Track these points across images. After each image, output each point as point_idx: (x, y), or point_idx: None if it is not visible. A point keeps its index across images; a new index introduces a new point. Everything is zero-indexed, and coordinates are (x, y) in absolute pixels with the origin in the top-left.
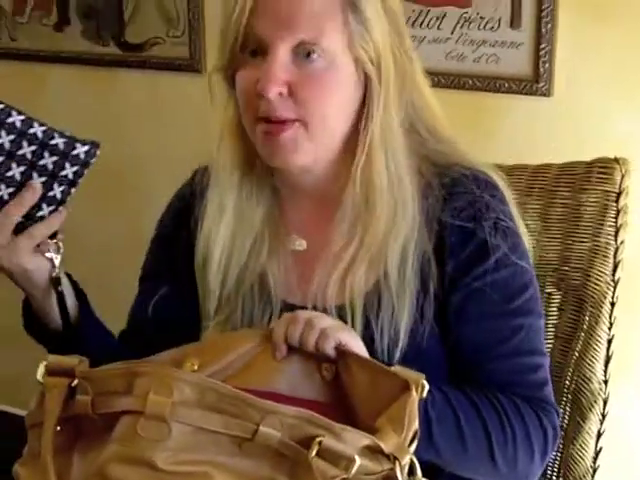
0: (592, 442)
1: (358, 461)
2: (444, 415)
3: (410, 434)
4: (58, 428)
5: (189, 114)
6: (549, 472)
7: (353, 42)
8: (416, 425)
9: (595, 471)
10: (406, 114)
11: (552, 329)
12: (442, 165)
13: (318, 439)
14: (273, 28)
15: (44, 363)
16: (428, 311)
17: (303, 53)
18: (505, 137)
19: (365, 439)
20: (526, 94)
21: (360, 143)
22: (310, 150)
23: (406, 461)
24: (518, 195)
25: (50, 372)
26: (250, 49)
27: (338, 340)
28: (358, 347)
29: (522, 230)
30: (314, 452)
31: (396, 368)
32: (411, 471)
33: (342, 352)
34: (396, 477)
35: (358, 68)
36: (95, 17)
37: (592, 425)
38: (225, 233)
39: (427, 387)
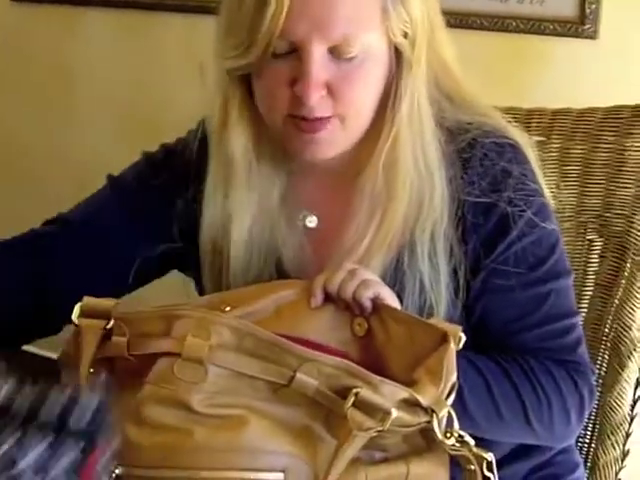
0: (630, 390)
1: (394, 414)
2: (475, 384)
3: (448, 386)
4: (91, 370)
5: None
6: (585, 420)
7: (392, 27)
8: (454, 378)
9: (632, 419)
10: (432, 90)
11: (592, 276)
12: (457, 133)
13: (355, 390)
14: (309, 31)
15: (79, 304)
16: (460, 293)
17: (340, 52)
18: (550, 81)
19: (403, 392)
20: (571, 36)
21: (387, 124)
22: (343, 142)
23: (443, 413)
24: (562, 140)
25: (85, 314)
26: (277, 51)
27: (377, 293)
28: (395, 304)
29: (543, 186)
30: (350, 403)
31: (433, 320)
32: (448, 424)
33: (378, 305)
34: (433, 429)
35: (390, 46)
36: None
37: (631, 373)
38: (244, 225)
39: (464, 338)
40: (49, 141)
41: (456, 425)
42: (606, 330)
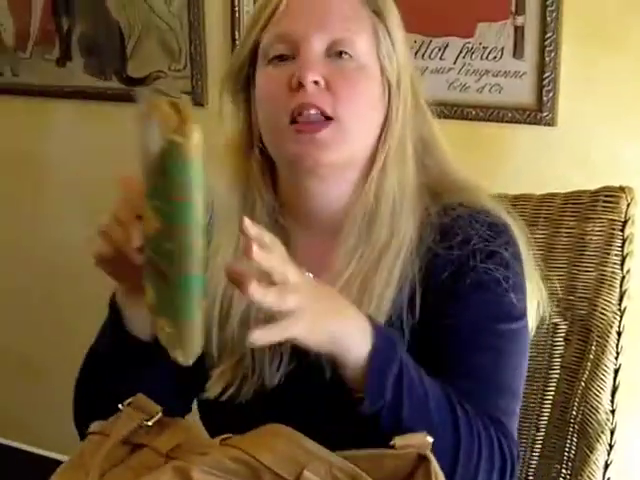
0: (600, 473)
1: None
2: (417, 400)
3: None
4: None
5: None
6: None
7: (380, 49)
8: None
9: None
10: (415, 142)
11: (558, 359)
12: (445, 202)
13: None
14: (307, 27)
15: (133, 397)
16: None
17: (335, 52)
18: (509, 167)
19: None
20: (530, 124)
21: (378, 155)
22: (341, 148)
23: None
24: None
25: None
26: (277, 54)
27: None
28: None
29: (530, 275)
30: None
31: (398, 443)
32: None
33: None
34: None
35: (383, 78)
36: (97, 52)
37: (599, 456)
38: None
39: (431, 441)
40: (15, 235)
41: None
42: (573, 413)
